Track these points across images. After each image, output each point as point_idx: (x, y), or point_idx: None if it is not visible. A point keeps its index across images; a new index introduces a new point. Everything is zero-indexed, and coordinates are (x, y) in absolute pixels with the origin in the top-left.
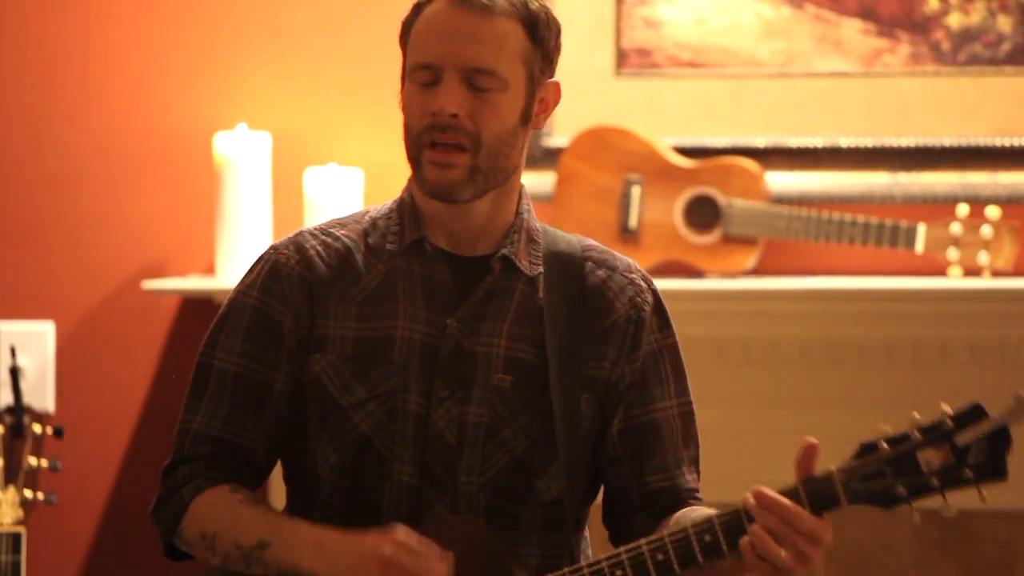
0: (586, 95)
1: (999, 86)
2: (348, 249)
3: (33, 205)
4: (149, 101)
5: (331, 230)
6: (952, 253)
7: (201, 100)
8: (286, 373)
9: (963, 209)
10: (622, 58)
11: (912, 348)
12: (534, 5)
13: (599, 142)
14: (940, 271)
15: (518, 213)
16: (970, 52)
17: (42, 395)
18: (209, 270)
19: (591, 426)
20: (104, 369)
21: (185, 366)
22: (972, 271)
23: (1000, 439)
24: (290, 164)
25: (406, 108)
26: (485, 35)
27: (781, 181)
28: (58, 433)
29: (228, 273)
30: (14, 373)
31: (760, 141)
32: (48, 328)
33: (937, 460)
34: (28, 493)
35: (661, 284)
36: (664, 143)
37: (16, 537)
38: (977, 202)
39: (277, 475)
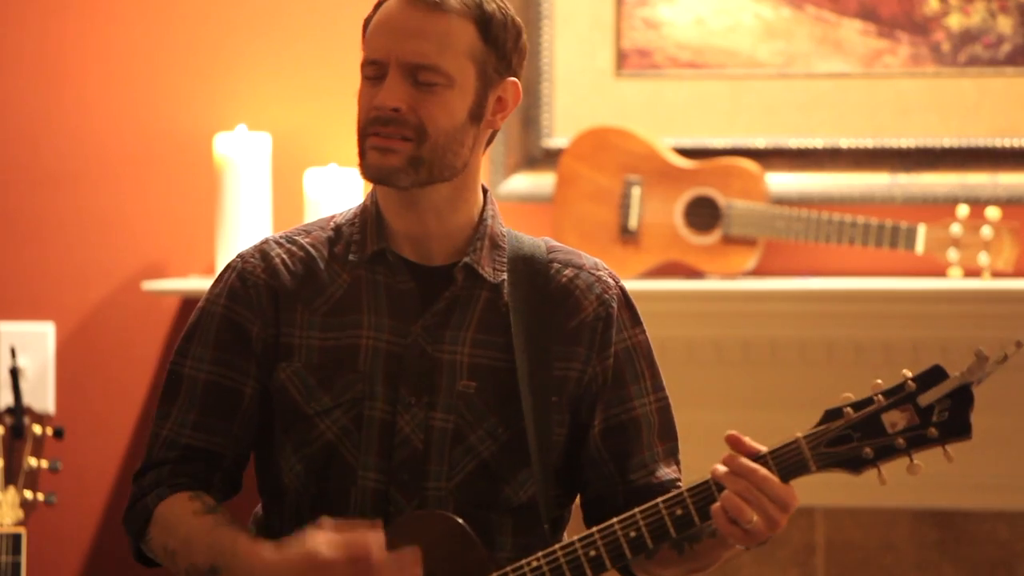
0: (586, 96)
1: (999, 87)
2: (313, 258)
3: (33, 205)
4: (149, 102)
5: (296, 238)
6: (952, 254)
7: (201, 101)
8: (256, 379)
9: (963, 210)
10: (622, 59)
11: (912, 349)
12: (490, 6)
13: (599, 143)
14: (940, 272)
15: (482, 219)
16: (970, 53)
17: (42, 396)
18: (209, 271)
19: (560, 429)
20: (104, 369)
21: None
22: (972, 272)
23: (962, 398)
24: (290, 165)
25: (358, 102)
26: (430, 32)
27: (781, 182)
28: (58, 434)
29: None
30: (14, 374)
31: (760, 142)
32: (48, 328)
33: (902, 421)
34: (28, 494)
35: (661, 285)
36: (664, 144)
37: (16, 538)
38: (977, 203)
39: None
